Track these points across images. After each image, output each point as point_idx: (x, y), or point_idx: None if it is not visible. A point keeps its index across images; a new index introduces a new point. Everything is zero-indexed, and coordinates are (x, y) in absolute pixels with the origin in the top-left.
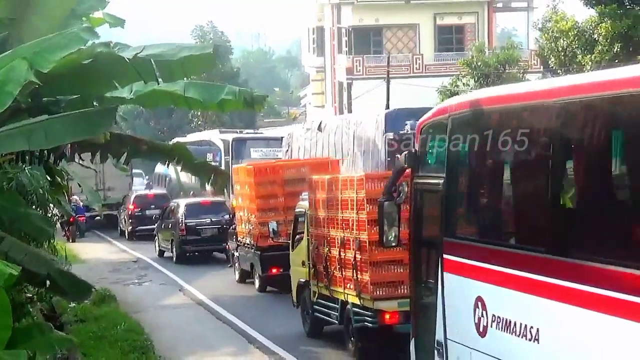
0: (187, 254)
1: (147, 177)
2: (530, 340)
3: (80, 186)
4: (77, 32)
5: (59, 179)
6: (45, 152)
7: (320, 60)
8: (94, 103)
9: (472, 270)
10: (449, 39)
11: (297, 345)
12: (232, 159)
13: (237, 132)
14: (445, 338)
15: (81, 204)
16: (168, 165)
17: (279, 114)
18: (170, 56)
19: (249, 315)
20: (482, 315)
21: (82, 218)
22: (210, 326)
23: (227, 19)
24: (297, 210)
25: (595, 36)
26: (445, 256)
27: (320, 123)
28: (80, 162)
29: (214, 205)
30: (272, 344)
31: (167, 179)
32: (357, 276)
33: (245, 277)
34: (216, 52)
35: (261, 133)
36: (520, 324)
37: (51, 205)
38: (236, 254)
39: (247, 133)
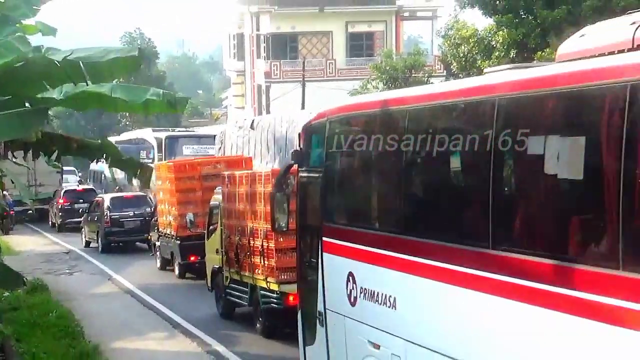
0: (112, 244)
1: (80, 173)
2: (389, 307)
3: (13, 182)
4: (12, 41)
5: None
6: None
7: (241, 65)
8: (26, 104)
9: (345, 250)
10: (360, 45)
11: (213, 327)
12: (165, 156)
13: (169, 131)
14: (325, 308)
15: (11, 199)
16: (97, 162)
17: (202, 114)
18: (98, 58)
19: (171, 301)
20: (353, 288)
21: (12, 212)
22: (137, 313)
23: (154, 26)
24: (211, 203)
25: (493, 43)
26: (324, 239)
27: (253, 121)
28: (13, 159)
29: (137, 199)
30: (193, 327)
31: (102, 175)
32: (264, 262)
33: (165, 264)
34: (141, 54)
35: (193, 131)
36: (382, 294)
37: None
38: (158, 243)
39: (180, 131)
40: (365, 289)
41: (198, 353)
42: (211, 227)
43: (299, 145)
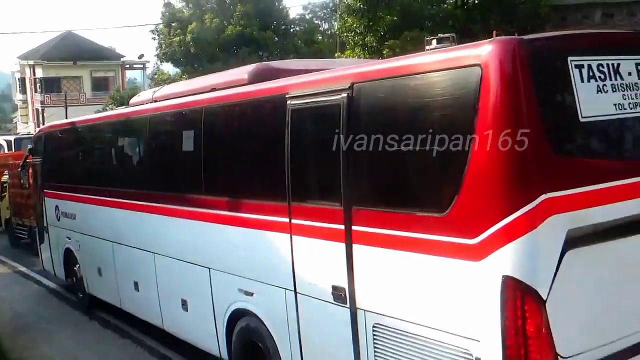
0: None
1: None
2: (73, 219)
3: None
4: None
5: None
6: None
7: (24, 97)
8: None
9: (54, 195)
10: (100, 84)
11: (12, 254)
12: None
13: (13, 134)
14: (47, 224)
15: None
16: None
17: (1, 127)
18: None
19: None
20: (58, 212)
21: None
22: None
23: None
24: (2, 180)
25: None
26: (44, 190)
27: None
28: None
29: None
30: (2, 257)
31: None
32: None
33: None
34: None
35: (32, 134)
36: (70, 213)
37: None
38: None
39: (22, 135)
40: (63, 212)
41: (9, 273)
42: (4, 194)
43: (33, 145)
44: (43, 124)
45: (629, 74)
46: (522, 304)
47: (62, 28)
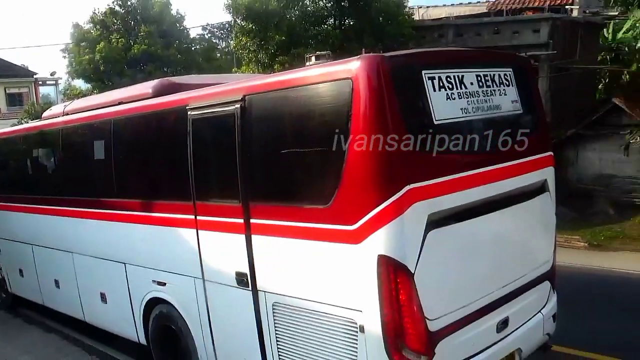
0: None
1: None
2: None
3: None
4: None
5: None
6: None
7: None
8: None
9: None
10: (15, 99)
11: None
12: None
13: None
14: None
15: None
16: None
17: None
18: None
19: None
20: None
21: None
22: None
23: None
24: None
25: None
26: None
27: None
28: None
29: None
30: None
31: None
32: None
33: None
34: None
35: None
36: None
37: None
38: None
39: None
40: None
41: None
42: None
43: None
44: None
45: (471, 83)
46: (394, 277)
47: None
